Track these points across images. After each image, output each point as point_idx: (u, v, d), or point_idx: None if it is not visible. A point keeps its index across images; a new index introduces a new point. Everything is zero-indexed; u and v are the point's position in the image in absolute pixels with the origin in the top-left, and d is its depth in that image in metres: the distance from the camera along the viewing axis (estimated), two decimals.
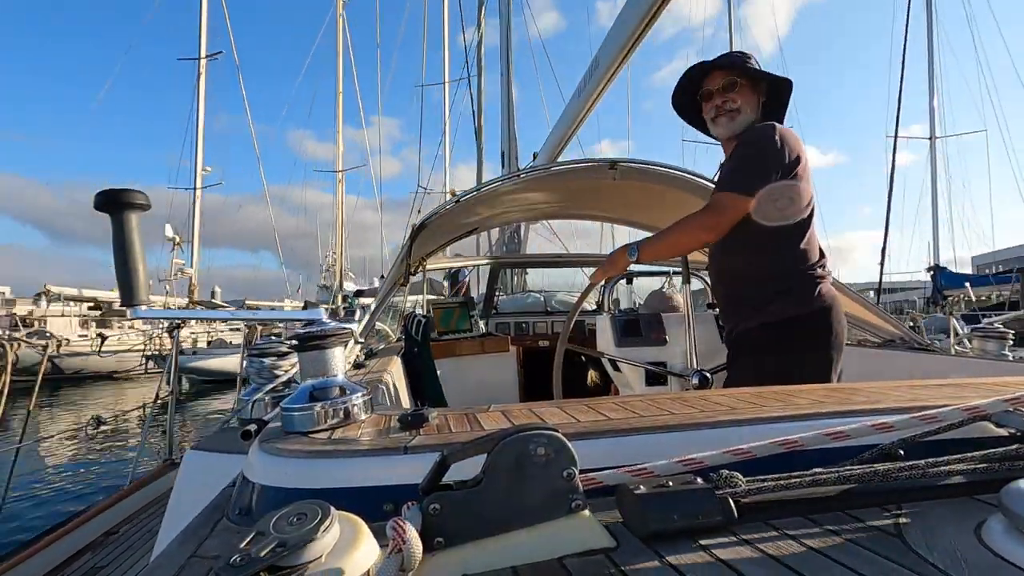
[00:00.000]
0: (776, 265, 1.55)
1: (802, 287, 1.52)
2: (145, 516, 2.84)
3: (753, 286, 1.59)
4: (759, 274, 1.57)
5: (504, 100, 8.03)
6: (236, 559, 0.43)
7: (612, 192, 2.88)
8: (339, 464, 0.67)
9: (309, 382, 0.85)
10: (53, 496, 5.51)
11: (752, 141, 1.54)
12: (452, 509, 0.52)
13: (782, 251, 1.55)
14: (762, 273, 1.57)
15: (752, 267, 1.58)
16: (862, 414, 0.77)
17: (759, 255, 1.56)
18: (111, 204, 0.86)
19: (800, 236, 1.53)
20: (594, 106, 4.01)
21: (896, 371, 2.15)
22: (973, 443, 0.69)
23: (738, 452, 0.62)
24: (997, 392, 0.67)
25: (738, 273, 1.64)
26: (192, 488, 1.22)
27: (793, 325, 1.51)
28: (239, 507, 0.69)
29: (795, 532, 0.55)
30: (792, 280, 1.53)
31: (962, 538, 0.52)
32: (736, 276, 1.66)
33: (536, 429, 0.55)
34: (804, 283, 1.52)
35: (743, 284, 1.62)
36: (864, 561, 0.49)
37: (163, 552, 0.61)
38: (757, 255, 1.56)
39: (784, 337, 1.51)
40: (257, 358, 1.57)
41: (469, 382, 3.23)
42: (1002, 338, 2.01)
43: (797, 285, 1.52)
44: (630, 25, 2.91)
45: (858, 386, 1.04)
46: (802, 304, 1.51)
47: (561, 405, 0.92)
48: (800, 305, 1.51)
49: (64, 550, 2.47)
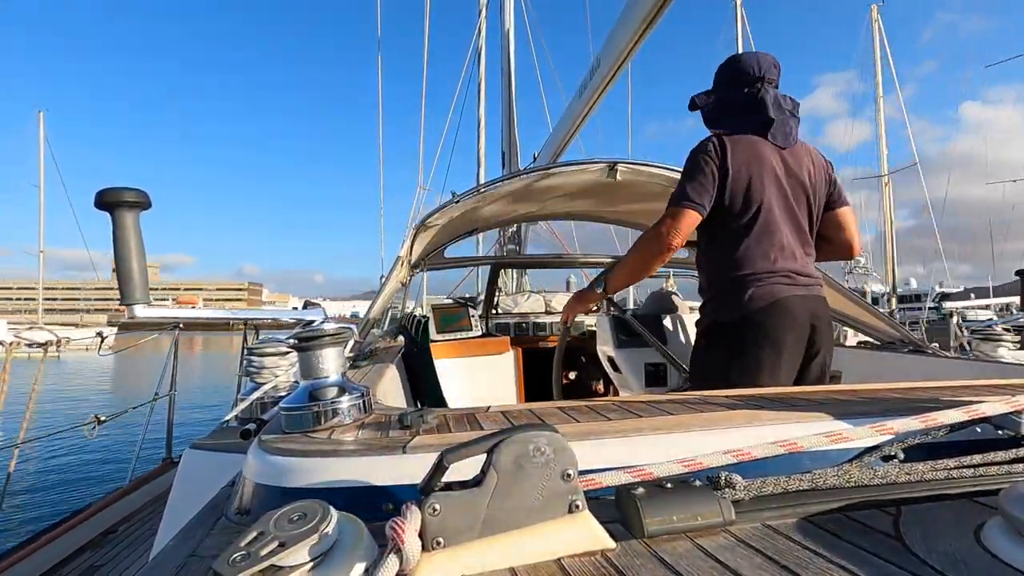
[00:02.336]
0: (708, 271, 1.68)
1: (731, 293, 1.58)
2: (144, 515, 2.83)
3: (702, 291, 1.73)
4: (703, 281, 1.73)
5: (504, 100, 8.02)
6: (236, 558, 0.43)
7: (612, 193, 2.88)
8: (338, 464, 0.67)
9: (308, 382, 0.85)
10: (52, 494, 5.52)
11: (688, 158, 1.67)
12: (451, 509, 0.52)
13: (713, 258, 1.66)
14: (705, 279, 1.71)
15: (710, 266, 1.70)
16: (861, 416, 0.77)
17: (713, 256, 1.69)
18: (110, 203, 0.86)
19: (735, 243, 1.60)
20: (595, 107, 4.02)
21: (895, 373, 2.15)
22: (973, 445, 0.69)
23: (737, 453, 0.62)
24: (997, 394, 0.67)
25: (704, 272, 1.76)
26: (191, 487, 1.22)
27: (725, 327, 1.60)
28: (238, 506, 0.69)
29: (794, 533, 0.55)
30: (723, 286, 1.62)
31: (961, 540, 0.52)
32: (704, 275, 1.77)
33: (535, 429, 0.55)
34: (734, 289, 1.58)
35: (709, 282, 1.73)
36: (863, 563, 0.49)
37: (162, 551, 0.61)
38: (712, 256, 1.69)
39: (719, 337, 1.61)
40: (257, 357, 1.57)
41: (468, 382, 3.23)
42: (1002, 340, 2.01)
43: (727, 291, 1.60)
44: (632, 25, 2.91)
45: (857, 388, 1.04)
46: (734, 308, 1.57)
47: (560, 406, 0.92)
48: (732, 308, 1.58)
49: (63, 548, 2.46)
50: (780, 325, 1.54)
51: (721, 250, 1.64)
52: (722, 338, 1.60)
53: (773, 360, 1.52)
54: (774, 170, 1.61)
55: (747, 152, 1.60)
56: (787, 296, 1.55)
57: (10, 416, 2.58)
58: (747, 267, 1.57)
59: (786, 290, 1.56)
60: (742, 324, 1.56)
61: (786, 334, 1.54)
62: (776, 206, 1.61)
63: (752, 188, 1.58)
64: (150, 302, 0.89)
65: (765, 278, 1.56)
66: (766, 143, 1.63)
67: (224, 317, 1.30)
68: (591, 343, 3.31)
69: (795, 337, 1.55)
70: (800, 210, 1.65)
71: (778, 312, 1.54)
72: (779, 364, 1.53)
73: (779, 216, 1.61)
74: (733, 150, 1.59)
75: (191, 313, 1.62)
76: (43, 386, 3.04)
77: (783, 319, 1.54)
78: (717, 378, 1.49)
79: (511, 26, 7.86)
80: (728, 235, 1.61)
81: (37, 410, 2.93)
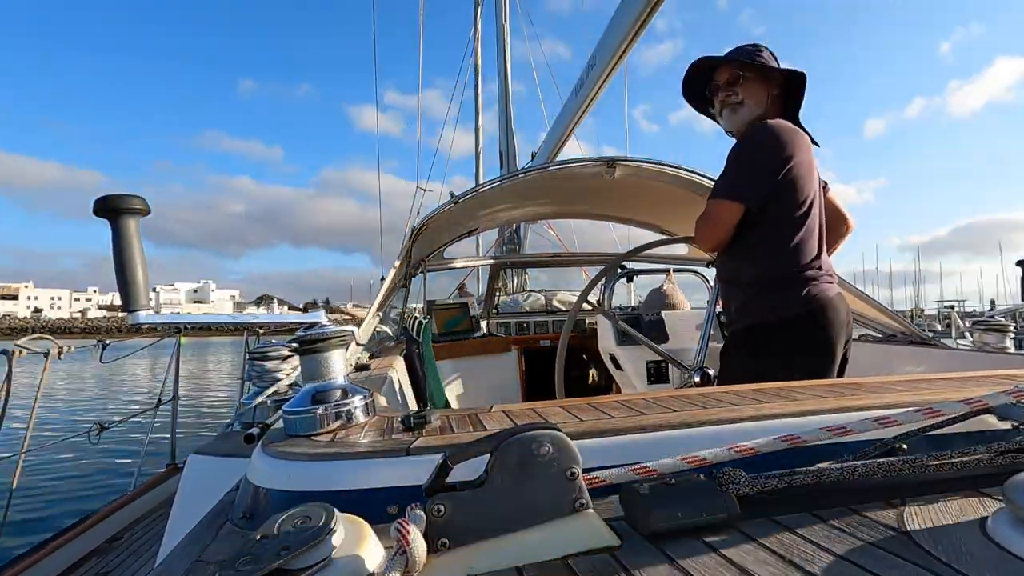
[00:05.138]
0: (759, 268, 1.54)
1: (786, 290, 1.48)
2: (149, 520, 2.84)
3: (738, 288, 1.60)
4: (744, 277, 1.59)
5: (502, 100, 8.02)
6: (241, 563, 0.43)
7: (611, 191, 2.88)
8: (342, 466, 0.67)
9: (311, 385, 0.85)
10: (57, 502, 5.52)
11: (743, 143, 1.54)
12: (456, 510, 0.52)
13: (765, 254, 1.52)
14: (747, 276, 1.57)
15: (738, 270, 1.59)
16: (864, 409, 0.77)
17: (743, 258, 1.57)
18: (110, 210, 0.86)
19: (789, 237, 1.49)
20: (591, 105, 4.02)
21: (898, 365, 2.15)
22: (976, 437, 0.69)
23: (741, 449, 0.62)
24: (999, 385, 0.67)
25: (728, 276, 1.66)
26: (196, 492, 1.22)
27: (775, 329, 1.49)
28: (243, 510, 0.69)
29: (799, 528, 0.55)
30: (775, 283, 1.51)
31: (967, 532, 0.52)
32: (727, 279, 1.67)
33: (539, 428, 0.55)
34: (789, 286, 1.48)
35: (733, 286, 1.63)
36: (868, 556, 0.49)
37: (168, 556, 0.61)
38: (742, 258, 1.57)
39: (764, 341, 1.50)
40: (259, 361, 1.57)
41: (471, 383, 3.23)
42: (1003, 331, 2.01)
43: (781, 288, 1.49)
44: (625, 24, 2.91)
45: (860, 381, 1.04)
46: (785, 307, 1.48)
47: (563, 404, 0.92)
48: (783, 308, 1.48)
49: (69, 556, 2.46)
50: (832, 327, 1.47)
51: (770, 244, 1.51)
52: (766, 343, 1.49)
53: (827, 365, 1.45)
54: (813, 163, 1.54)
55: (803, 142, 1.51)
56: (833, 296, 1.50)
57: (13, 420, 2.59)
58: (800, 263, 1.48)
59: (832, 289, 1.51)
60: (795, 324, 1.46)
61: (838, 338, 1.48)
62: (817, 201, 1.54)
63: (805, 180, 1.49)
64: (152, 308, 0.89)
65: (818, 277, 1.49)
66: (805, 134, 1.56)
67: (226, 322, 1.30)
68: (592, 342, 3.31)
69: (842, 341, 1.49)
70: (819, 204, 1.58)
71: (831, 313, 1.47)
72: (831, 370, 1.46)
73: (818, 211, 1.54)
74: (795, 138, 1.49)
75: (193, 318, 1.62)
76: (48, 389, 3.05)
77: (835, 321, 1.48)
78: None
79: (507, 24, 7.86)
80: (780, 228, 1.50)
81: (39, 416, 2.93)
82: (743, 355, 1.57)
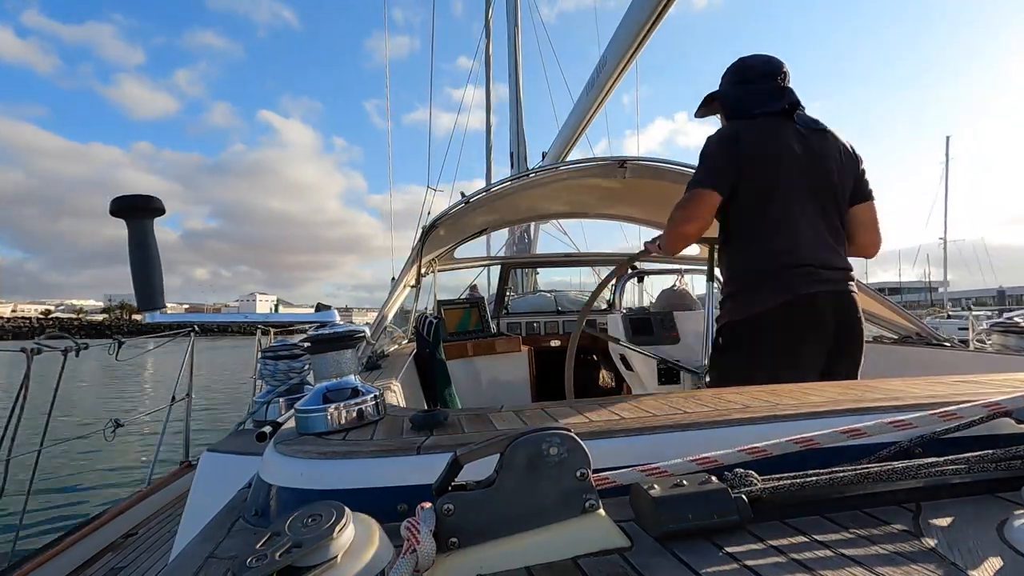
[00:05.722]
0: (731, 266, 1.59)
1: (754, 287, 1.48)
2: (163, 517, 2.87)
3: (729, 282, 1.62)
4: (723, 275, 1.64)
5: (512, 100, 8.03)
6: (252, 560, 0.43)
7: (622, 190, 2.87)
8: (353, 465, 0.68)
9: (323, 384, 0.85)
10: (72, 498, 5.61)
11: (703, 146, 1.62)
12: (466, 509, 0.52)
13: (736, 250, 1.57)
14: (724, 273, 1.63)
15: (727, 263, 1.62)
16: (879, 411, 0.76)
17: (722, 255, 1.62)
18: (126, 209, 0.87)
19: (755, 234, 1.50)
20: (602, 105, 4.02)
21: (913, 367, 2.12)
22: (993, 440, 0.68)
23: (753, 451, 0.61)
24: (1017, 388, 0.66)
25: (723, 269, 1.68)
26: (209, 489, 1.23)
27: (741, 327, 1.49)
28: (255, 508, 0.70)
29: (812, 531, 0.54)
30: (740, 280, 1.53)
31: (984, 536, 0.51)
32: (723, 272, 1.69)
33: (549, 429, 0.55)
34: (757, 283, 1.48)
35: (726, 280, 1.65)
36: (883, 561, 0.48)
37: (181, 553, 0.62)
38: (730, 251, 1.60)
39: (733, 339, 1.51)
40: (271, 360, 1.58)
41: (481, 383, 3.23)
42: (1021, 333, 1.97)
43: (748, 286, 1.50)
44: (637, 23, 2.90)
45: (875, 383, 1.02)
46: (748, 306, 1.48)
47: (574, 405, 0.92)
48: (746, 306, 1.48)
49: (85, 551, 2.50)
50: (800, 326, 1.43)
51: (739, 242, 1.55)
52: (738, 339, 1.50)
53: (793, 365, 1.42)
54: (795, 156, 1.51)
55: (765, 136, 1.52)
56: (810, 292, 1.44)
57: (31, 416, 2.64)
58: (765, 261, 1.48)
59: (808, 286, 1.44)
60: (759, 322, 1.46)
61: (811, 337, 1.44)
62: (798, 195, 1.50)
63: (770, 175, 1.49)
64: (167, 308, 0.90)
65: (784, 273, 1.45)
66: (790, 128, 1.54)
67: (236, 320, 1.32)
68: (603, 342, 3.30)
69: (818, 337, 1.45)
70: (826, 200, 1.53)
71: (798, 310, 1.43)
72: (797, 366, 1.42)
73: (802, 206, 1.50)
74: (748, 134, 1.51)
75: (207, 317, 1.65)
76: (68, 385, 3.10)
77: (807, 320, 1.44)
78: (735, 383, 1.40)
79: (519, 25, 7.86)
80: (745, 226, 1.53)
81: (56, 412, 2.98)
82: (717, 353, 1.59)
